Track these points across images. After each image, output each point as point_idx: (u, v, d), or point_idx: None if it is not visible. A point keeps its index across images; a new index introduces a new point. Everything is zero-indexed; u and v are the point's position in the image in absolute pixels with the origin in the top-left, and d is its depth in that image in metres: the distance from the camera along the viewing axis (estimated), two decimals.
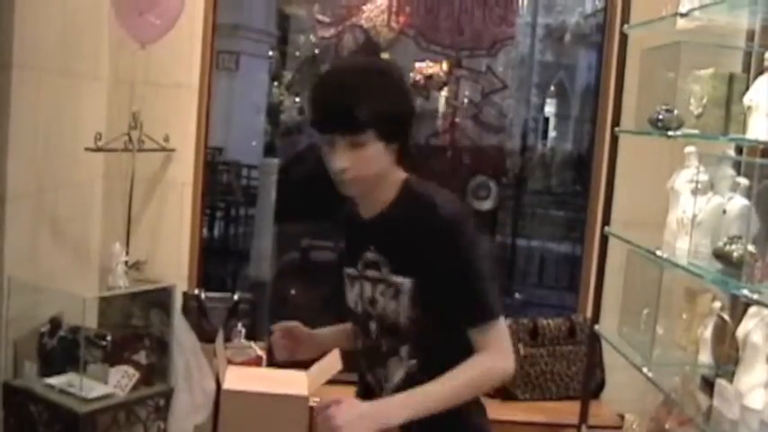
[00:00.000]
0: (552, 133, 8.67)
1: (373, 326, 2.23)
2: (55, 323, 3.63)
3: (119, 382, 3.61)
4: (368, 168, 2.09)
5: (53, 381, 3.54)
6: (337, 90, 2.06)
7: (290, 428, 3.63)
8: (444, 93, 4.93)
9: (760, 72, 2.73)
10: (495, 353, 2.07)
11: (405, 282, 2.12)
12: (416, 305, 2.12)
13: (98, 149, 3.87)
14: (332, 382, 3.04)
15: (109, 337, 3.66)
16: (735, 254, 2.57)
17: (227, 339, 4.12)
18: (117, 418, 3.77)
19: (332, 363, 2.98)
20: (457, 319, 2.09)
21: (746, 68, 3.16)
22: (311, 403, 3.62)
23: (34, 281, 3.57)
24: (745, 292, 2.43)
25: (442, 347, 2.13)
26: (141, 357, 3.74)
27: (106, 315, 3.88)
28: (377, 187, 2.15)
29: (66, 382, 3.53)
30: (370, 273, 2.19)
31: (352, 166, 2.07)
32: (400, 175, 2.19)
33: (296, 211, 5.41)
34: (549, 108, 8.56)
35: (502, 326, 2.10)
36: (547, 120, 8.49)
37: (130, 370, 3.66)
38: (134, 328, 3.88)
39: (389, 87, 2.12)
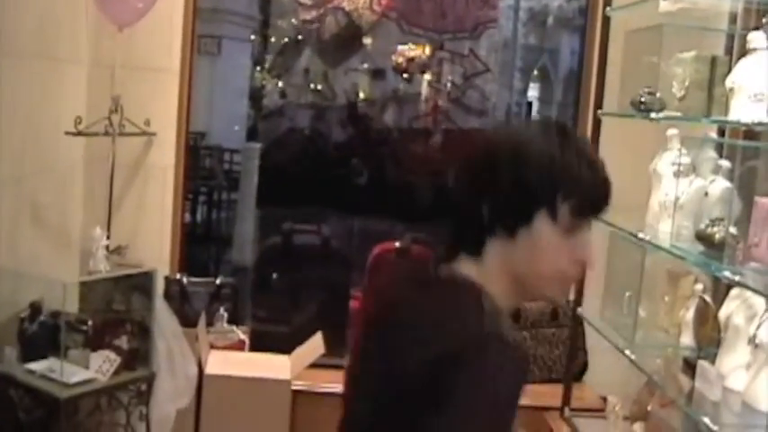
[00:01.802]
0: (535, 117, 8.68)
1: None
2: (35, 308, 3.60)
3: (100, 366, 3.59)
4: None
5: (34, 366, 3.51)
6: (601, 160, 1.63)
7: (273, 412, 3.63)
8: (427, 76, 4.93)
9: (742, 54, 2.73)
10: None
11: None
12: None
13: (78, 133, 3.84)
14: (314, 365, 3.04)
15: (90, 322, 3.63)
16: (717, 236, 2.57)
17: (210, 324, 4.11)
18: (99, 403, 3.75)
19: (314, 346, 2.99)
20: None
21: (729, 51, 3.17)
22: (293, 387, 3.63)
23: (14, 266, 3.55)
24: (727, 273, 2.44)
25: None
26: (123, 342, 3.71)
27: (87, 300, 3.86)
28: None
29: (47, 367, 3.51)
30: None
31: None
32: None
33: (278, 196, 5.41)
34: (532, 92, 8.56)
35: None
36: (530, 104, 8.49)
37: (112, 355, 3.64)
38: (115, 312, 3.86)
39: None
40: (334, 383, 3.81)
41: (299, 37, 5.05)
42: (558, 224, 1.54)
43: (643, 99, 3.02)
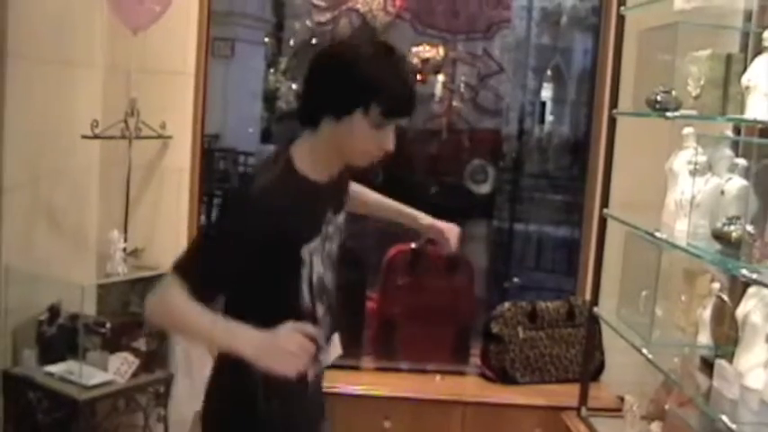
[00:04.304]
0: (549, 117, 8.66)
1: (329, 277, 2.37)
2: (54, 311, 3.63)
3: (118, 369, 3.61)
4: None
5: (52, 368, 3.54)
6: (413, 77, 2.41)
7: None
8: (441, 77, 4.92)
9: (758, 52, 2.72)
10: None
11: (343, 217, 2.45)
12: None
13: (95, 137, 3.86)
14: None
15: (108, 325, 3.66)
16: (734, 234, 2.57)
17: None
18: (117, 405, 3.77)
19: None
20: None
21: (744, 49, 3.16)
22: None
23: (32, 269, 3.57)
24: (744, 271, 2.43)
25: None
26: (141, 344, 3.74)
27: (105, 302, 3.88)
28: None
29: (66, 369, 3.54)
30: (329, 229, 2.34)
31: None
32: None
33: None
34: (546, 92, 8.55)
35: None
36: (543, 104, 8.48)
37: (130, 357, 3.67)
38: (133, 315, 3.88)
39: None
40: (351, 384, 3.82)
41: (313, 39, 5.04)
42: (369, 120, 2.16)
43: (658, 98, 3.01)
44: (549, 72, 8.25)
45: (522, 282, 6.18)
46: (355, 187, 2.62)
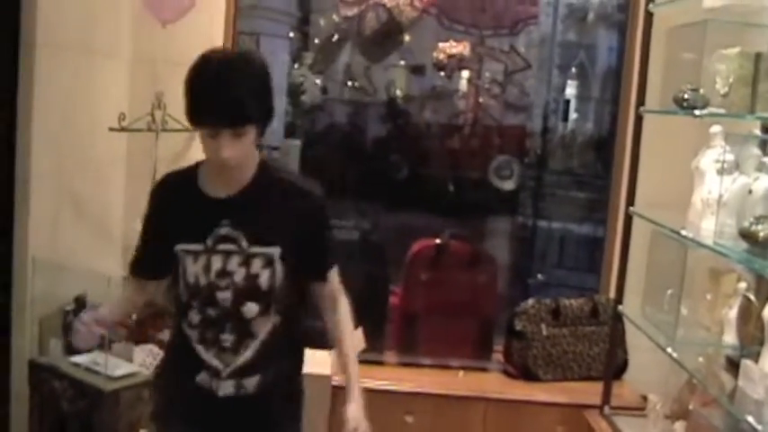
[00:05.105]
0: (573, 115, 8.62)
1: (225, 295, 2.38)
2: (80, 302, 3.65)
3: (143, 360, 3.63)
4: (244, 153, 2.33)
5: (78, 359, 3.57)
6: (228, 86, 2.24)
7: (313, 407, 3.63)
8: (466, 72, 4.91)
9: None
10: (341, 292, 2.62)
11: (274, 251, 2.38)
12: (285, 269, 2.40)
13: (122, 129, 3.88)
14: None
15: (133, 316, 3.68)
16: (761, 233, 2.55)
17: None
18: (141, 395, 3.79)
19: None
20: (313, 271, 2.53)
21: None
22: (334, 382, 3.64)
23: (58, 260, 3.59)
24: None
25: (294, 299, 2.49)
26: (165, 336, 3.75)
27: None
28: (241, 168, 2.39)
29: (91, 360, 3.56)
30: (223, 246, 2.38)
31: (235, 153, 2.29)
32: (257, 157, 2.47)
33: None
34: (570, 90, 8.51)
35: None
36: (568, 101, 8.43)
37: (155, 348, 3.69)
38: (158, 306, 3.89)
39: (267, 81, 2.39)
40: (374, 379, 3.83)
41: (339, 32, 5.03)
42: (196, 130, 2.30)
43: (686, 96, 3.00)
44: (573, 69, 8.21)
45: (546, 279, 6.17)
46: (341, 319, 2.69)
